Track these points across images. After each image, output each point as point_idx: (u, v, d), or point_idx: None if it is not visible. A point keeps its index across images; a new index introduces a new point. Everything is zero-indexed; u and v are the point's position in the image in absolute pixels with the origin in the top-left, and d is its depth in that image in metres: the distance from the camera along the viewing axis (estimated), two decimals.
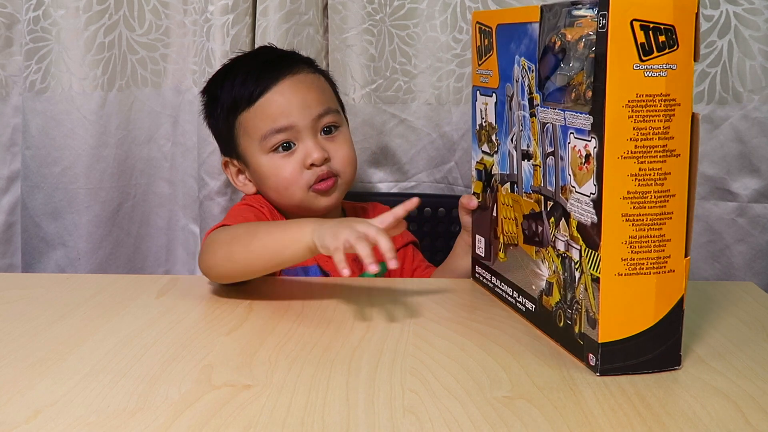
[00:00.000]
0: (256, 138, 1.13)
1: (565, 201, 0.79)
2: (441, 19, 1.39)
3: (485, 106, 0.98)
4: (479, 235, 1.03)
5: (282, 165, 1.13)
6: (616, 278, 0.74)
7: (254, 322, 0.91)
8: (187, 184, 1.49)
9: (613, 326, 0.75)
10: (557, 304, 0.82)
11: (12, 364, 0.78)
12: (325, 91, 1.18)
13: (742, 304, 0.97)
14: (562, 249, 0.81)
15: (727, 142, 1.35)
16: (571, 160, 0.77)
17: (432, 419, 0.67)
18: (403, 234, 1.27)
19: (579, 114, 0.75)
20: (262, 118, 1.13)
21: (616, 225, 0.73)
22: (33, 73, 1.41)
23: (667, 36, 0.71)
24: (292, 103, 1.13)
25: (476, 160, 1.02)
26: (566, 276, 0.80)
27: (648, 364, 0.76)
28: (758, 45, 1.31)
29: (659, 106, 0.71)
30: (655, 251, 0.73)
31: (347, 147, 1.16)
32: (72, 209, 1.44)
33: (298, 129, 1.12)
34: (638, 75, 0.71)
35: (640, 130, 0.71)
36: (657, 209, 0.73)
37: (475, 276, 1.06)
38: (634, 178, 0.72)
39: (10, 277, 1.27)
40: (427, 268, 1.24)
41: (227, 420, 0.66)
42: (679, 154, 0.73)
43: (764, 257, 1.38)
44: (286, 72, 1.15)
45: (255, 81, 1.14)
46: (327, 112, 1.15)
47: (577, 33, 0.75)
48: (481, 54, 0.98)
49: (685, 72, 0.72)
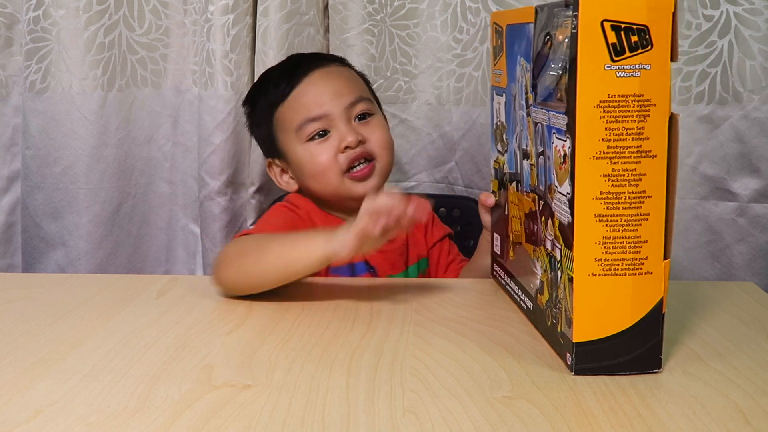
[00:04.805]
0: (292, 129, 1.14)
1: (551, 200, 0.79)
2: (441, 19, 1.39)
3: (499, 106, 0.98)
4: (497, 233, 1.04)
5: (318, 151, 1.13)
6: (590, 278, 0.73)
7: (254, 322, 0.91)
8: (187, 184, 1.49)
9: (588, 326, 0.74)
10: (547, 303, 0.83)
11: (12, 364, 0.78)
12: (356, 81, 1.19)
13: (742, 304, 0.96)
14: (549, 248, 0.81)
15: (727, 142, 1.35)
16: (554, 160, 0.78)
17: (432, 419, 0.67)
18: (442, 226, 1.27)
19: (558, 114, 0.75)
20: (296, 110, 1.14)
21: (589, 225, 0.72)
22: (33, 73, 1.41)
23: (640, 36, 0.70)
24: (325, 92, 1.14)
25: (493, 159, 1.03)
26: (552, 275, 0.80)
27: (625, 366, 0.75)
28: (758, 45, 1.31)
29: (632, 106, 0.71)
30: (631, 252, 0.73)
31: (383, 130, 1.16)
32: (72, 209, 1.44)
33: (332, 117, 1.13)
34: (610, 75, 0.70)
35: (612, 130, 0.71)
36: (632, 210, 0.72)
37: (493, 274, 1.06)
38: (607, 179, 0.72)
39: (10, 277, 1.27)
40: (462, 262, 1.24)
41: (227, 420, 0.66)
42: (656, 155, 0.72)
43: (764, 257, 1.38)
44: (315, 65, 1.17)
45: (287, 79, 1.16)
46: (359, 99, 1.15)
47: (564, 33, 0.75)
48: (495, 54, 0.98)
49: (661, 72, 0.71)
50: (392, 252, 1.18)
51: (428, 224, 1.25)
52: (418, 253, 1.22)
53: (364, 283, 1.07)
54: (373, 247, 0.91)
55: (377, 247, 0.92)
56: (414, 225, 0.90)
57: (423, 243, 1.23)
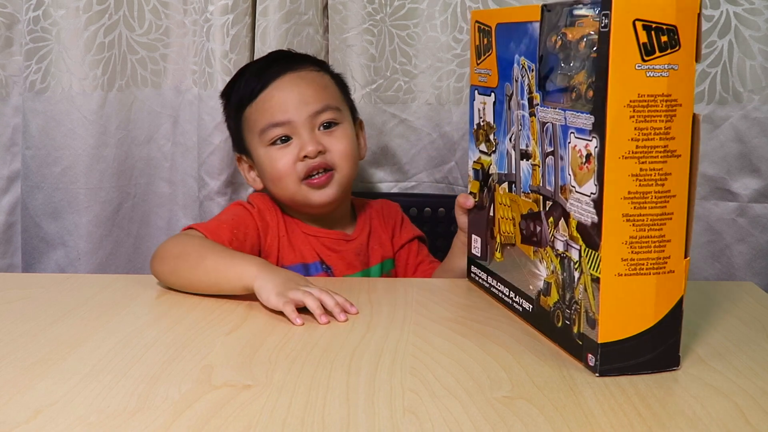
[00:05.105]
0: (257, 131, 1.16)
1: (564, 201, 0.79)
2: (441, 19, 1.39)
3: (483, 106, 0.98)
4: (475, 234, 1.03)
5: (277, 156, 1.14)
6: (616, 278, 0.73)
7: (254, 322, 0.91)
8: (187, 184, 1.49)
9: (613, 327, 0.74)
10: (555, 305, 0.82)
11: (12, 364, 0.78)
12: (326, 89, 1.18)
13: (742, 304, 0.96)
14: (561, 249, 0.81)
15: (727, 142, 1.35)
16: (571, 160, 0.77)
17: (432, 419, 0.67)
18: (411, 228, 1.27)
19: (580, 113, 0.75)
20: (261, 113, 1.15)
21: (617, 225, 0.73)
22: (33, 73, 1.41)
23: (670, 36, 0.70)
24: (290, 99, 1.14)
25: (473, 160, 1.02)
26: (565, 276, 0.80)
27: (647, 365, 0.75)
28: (758, 45, 1.31)
29: (661, 106, 0.71)
30: (656, 251, 0.73)
31: (346, 141, 1.16)
32: (72, 209, 1.44)
33: (295, 124, 1.14)
34: (640, 75, 0.71)
35: (641, 130, 0.71)
36: (657, 210, 0.73)
37: (470, 276, 1.06)
38: (635, 179, 0.72)
39: (10, 277, 1.27)
40: (432, 263, 1.25)
41: (227, 420, 0.66)
42: (680, 155, 0.73)
43: (764, 257, 1.38)
44: (288, 69, 1.17)
45: (258, 78, 1.17)
46: (325, 108, 1.15)
47: (579, 32, 0.75)
48: (479, 53, 0.98)
49: (687, 72, 0.72)
50: (348, 252, 1.19)
51: (396, 226, 1.26)
52: (382, 254, 1.23)
53: (364, 283, 1.07)
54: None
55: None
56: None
57: (389, 244, 1.25)
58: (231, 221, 1.12)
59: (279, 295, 0.92)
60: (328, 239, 1.19)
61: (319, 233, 1.19)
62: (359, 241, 1.21)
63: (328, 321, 0.90)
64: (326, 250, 1.18)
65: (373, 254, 1.22)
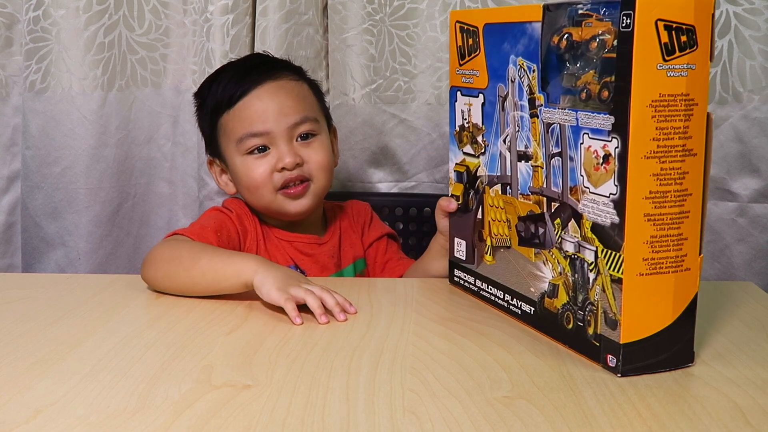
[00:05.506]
0: (234, 140, 1.15)
1: (575, 202, 0.79)
2: (441, 19, 1.39)
3: (468, 107, 0.97)
4: (459, 238, 1.02)
5: (254, 166, 1.14)
6: (638, 278, 0.74)
7: (254, 322, 0.91)
8: (187, 184, 1.49)
9: (635, 326, 0.74)
10: (564, 306, 0.82)
11: (12, 364, 0.78)
12: (305, 99, 1.17)
13: (742, 304, 0.96)
14: (571, 250, 0.80)
15: (727, 142, 1.35)
16: (584, 161, 0.77)
17: (432, 419, 0.67)
18: (380, 227, 1.28)
19: (596, 114, 0.75)
20: (239, 121, 1.14)
21: (639, 225, 0.73)
22: (33, 73, 1.41)
23: (689, 36, 0.71)
24: (270, 109, 1.13)
25: (456, 162, 1.01)
26: (577, 277, 0.80)
27: (665, 363, 0.76)
28: (758, 45, 1.31)
29: (680, 105, 0.71)
30: (674, 250, 0.74)
31: (322, 153, 1.16)
32: (72, 209, 1.44)
33: (274, 135, 1.13)
34: (661, 75, 0.71)
35: (662, 129, 0.71)
36: (676, 208, 0.73)
37: (453, 279, 1.05)
38: (656, 178, 0.72)
39: (10, 277, 1.27)
40: (400, 260, 1.25)
41: (227, 420, 0.66)
42: (696, 153, 0.73)
43: (764, 257, 1.38)
44: (267, 77, 1.15)
45: (236, 84, 1.15)
46: (304, 120, 1.15)
47: (588, 33, 0.75)
48: (463, 54, 0.96)
49: (703, 72, 0.72)
50: (321, 255, 1.19)
51: (365, 225, 1.26)
52: (354, 254, 1.24)
53: (364, 283, 1.07)
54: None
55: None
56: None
57: (359, 244, 1.25)
58: (214, 225, 1.12)
59: (280, 291, 0.91)
60: (301, 243, 1.19)
61: (292, 238, 1.19)
62: (331, 243, 1.22)
63: (328, 321, 0.90)
64: (299, 255, 1.18)
65: (345, 256, 1.23)
